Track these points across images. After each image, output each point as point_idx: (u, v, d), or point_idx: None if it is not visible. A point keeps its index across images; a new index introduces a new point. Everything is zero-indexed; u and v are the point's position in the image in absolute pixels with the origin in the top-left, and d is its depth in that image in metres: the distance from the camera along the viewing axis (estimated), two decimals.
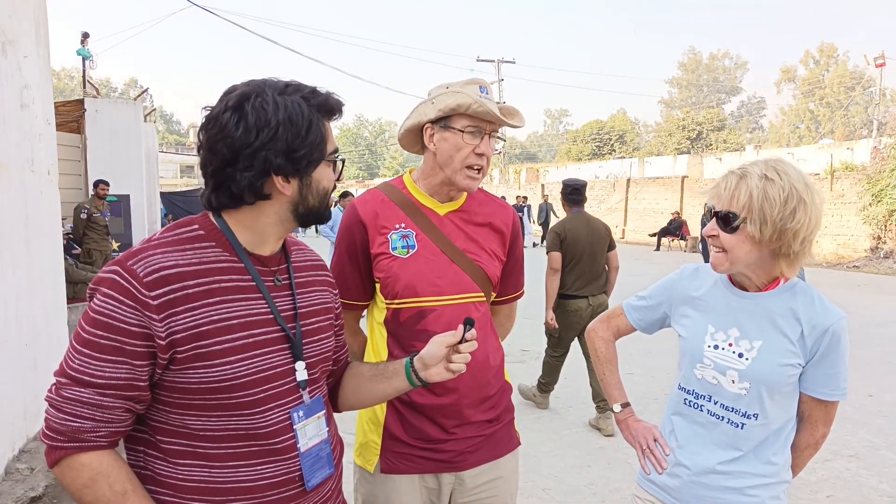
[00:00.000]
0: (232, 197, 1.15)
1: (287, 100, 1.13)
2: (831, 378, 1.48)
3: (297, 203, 1.19)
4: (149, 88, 46.12)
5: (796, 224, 1.39)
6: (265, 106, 1.11)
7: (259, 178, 1.13)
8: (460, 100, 1.61)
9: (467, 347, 1.30)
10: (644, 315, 1.77)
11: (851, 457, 4.18)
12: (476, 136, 1.65)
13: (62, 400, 1.05)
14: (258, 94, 1.13)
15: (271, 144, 1.11)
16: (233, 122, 1.11)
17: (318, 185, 1.19)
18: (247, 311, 1.15)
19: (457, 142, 1.64)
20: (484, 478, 1.73)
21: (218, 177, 1.15)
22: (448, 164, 1.66)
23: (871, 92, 44.72)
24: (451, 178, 1.67)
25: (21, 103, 3.69)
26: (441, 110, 1.63)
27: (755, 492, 1.52)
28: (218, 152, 1.13)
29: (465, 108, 1.61)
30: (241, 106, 1.12)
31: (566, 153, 51.95)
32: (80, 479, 1.06)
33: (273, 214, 1.19)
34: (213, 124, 1.13)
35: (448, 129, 1.64)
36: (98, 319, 1.06)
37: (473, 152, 1.65)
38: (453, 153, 1.65)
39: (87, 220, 9.28)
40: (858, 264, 16.29)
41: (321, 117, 1.17)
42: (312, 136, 1.14)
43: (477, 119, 1.64)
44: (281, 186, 1.15)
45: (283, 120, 1.11)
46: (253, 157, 1.11)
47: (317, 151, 1.16)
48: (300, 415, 1.21)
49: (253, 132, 1.10)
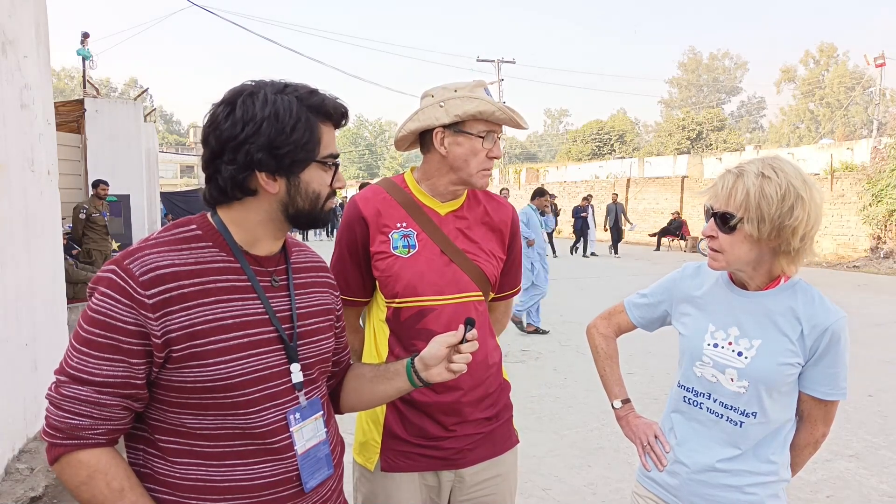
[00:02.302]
0: (220, 190, 1.16)
1: (279, 97, 1.13)
2: (831, 377, 1.48)
3: (286, 203, 1.18)
4: (149, 88, 46.18)
5: (794, 221, 1.38)
6: (255, 101, 1.12)
7: (241, 172, 1.13)
8: (481, 107, 1.61)
9: (468, 348, 1.30)
10: (645, 313, 1.78)
11: (851, 457, 4.18)
12: (490, 141, 1.67)
13: (61, 398, 1.06)
14: (254, 90, 1.14)
15: (254, 139, 1.11)
16: (223, 115, 1.13)
17: (307, 188, 1.18)
18: (242, 311, 1.15)
19: (473, 146, 1.65)
20: (484, 475, 1.74)
21: (208, 169, 1.17)
22: (464, 167, 1.67)
23: (871, 92, 44.74)
24: (468, 179, 1.68)
25: (21, 103, 3.69)
26: (458, 115, 1.63)
27: (754, 490, 1.52)
28: (209, 144, 1.15)
29: (489, 115, 1.62)
30: (233, 101, 1.13)
31: (566, 153, 51.98)
32: (78, 477, 1.07)
33: (262, 212, 1.18)
34: (208, 118, 1.15)
35: (462, 133, 1.65)
36: (96, 318, 1.06)
37: (487, 156, 1.67)
38: (469, 157, 1.66)
39: (86, 220, 9.28)
40: (858, 264, 16.28)
41: (316, 119, 1.16)
42: (298, 134, 1.13)
43: (490, 123, 1.65)
44: (265, 183, 1.14)
45: (268, 115, 1.11)
46: (237, 151, 1.12)
47: (303, 151, 1.14)
48: (296, 417, 1.20)
49: (239, 125, 1.11)
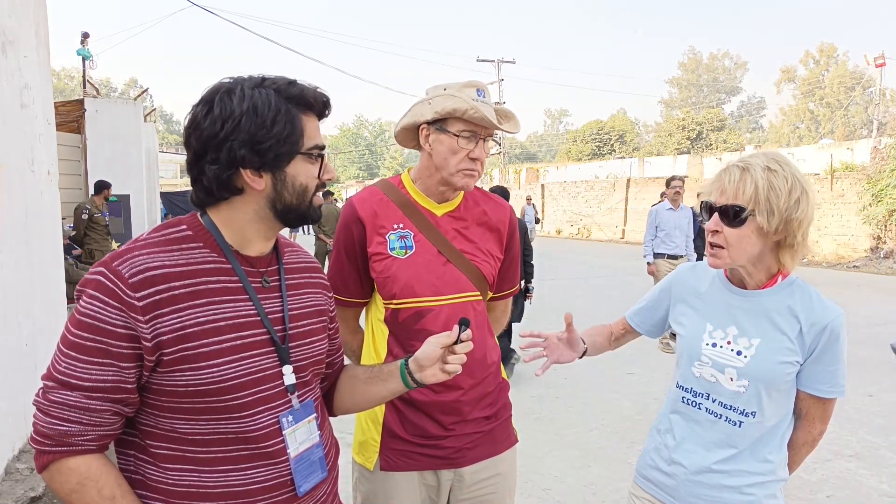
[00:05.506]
0: (206, 191, 1.13)
1: (257, 91, 1.10)
2: (829, 375, 1.48)
3: (274, 199, 1.15)
4: (149, 88, 46.12)
5: (800, 214, 1.41)
6: (232, 97, 1.09)
7: (225, 171, 1.10)
8: (456, 104, 1.61)
9: (463, 348, 1.29)
10: (646, 317, 1.78)
11: (851, 457, 4.18)
12: (471, 141, 1.65)
13: (49, 404, 1.03)
14: (230, 87, 1.11)
15: (235, 135, 1.08)
16: (202, 115, 1.10)
17: (294, 181, 1.15)
18: (234, 312, 1.12)
19: (452, 145, 1.65)
20: (483, 474, 1.74)
21: (192, 170, 1.14)
22: (444, 166, 1.67)
23: (871, 92, 44.72)
24: (448, 179, 1.68)
25: (21, 103, 3.69)
26: (438, 112, 1.63)
27: (751, 490, 1.52)
28: (190, 145, 1.12)
29: (462, 112, 1.61)
30: (211, 99, 1.11)
31: (566, 153, 51.94)
32: (68, 484, 1.04)
33: (250, 211, 1.16)
34: (188, 118, 1.13)
35: (443, 131, 1.65)
36: (84, 321, 1.03)
37: (468, 156, 1.65)
38: (448, 156, 1.65)
39: (88, 220, 9.28)
40: (858, 264, 16.28)
41: (297, 110, 1.13)
42: (279, 127, 1.10)
43: (472, 124, 1.64)
44: (251, 180, 1.12)
45: (246, 110, 1.08)
46: (219, 149, 1.09)
47: (286, 144, 1.11)
48: (289, 420, 1.18)
49: (218, 123, 1.08)
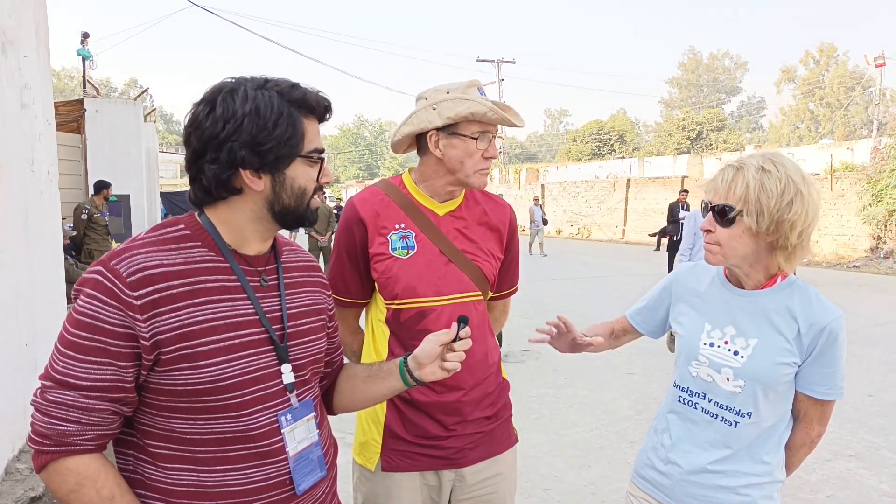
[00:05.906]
0: (205, 190, 1.14)
1: (260, 93, 1.11)
2: (828, 377, 1.47)
3: (272, 201, 1.15)
4: (149, 88, 46.02)
5: (793, 216, 1.39)
6: (235, 98, 1.09)
7: (225, 171, 1.10)
8: (472, 108, 1.61)
9: (461, 346, 1.29)
10: (646, 317, 1.78)
11: (851, 457, 4.18)
12: (485, 141, 1.66)
13: (47, 403, 1.03)
14: (234, 87, 1.11)
15: (236, 136, 1.08)
16: (203, 114, 1.10)
17: (292, 184, 1.15)
18: (232, 311, 1.12)
19: (467, 148, 1.65)
20: (484, 474, 1.74)
21: (192, 169, 1.14)
22: (460, 169, 1.67)
23: (871, 92, 44.71)
24: (465, 180, 1.68)
25: (21, 103, 3.69)
26: (450, 118, 1.62)
27: (747, 491, 1.52)
28: (190, 144, 1.13)
29: (480, 115, 1.62)
30: (213, 98, 1.11)
31: (566, 153, 51.93)
32: (66, 484, 1.04)
33: (248, 211, 1.16)
34: (189, 117, 1.13)
35: (457, 135, 1.64)
36: (81, 321, 1.03)
37: (482, 156, 1.66)
38: (464, 159, 1.65)
39: (87, 220, 9.28)
40: (858, 264, 16.27)
41: (298, 113, 1.13)
42: (281, 129, 1.10)
43: (484, 124, 1.65)
44: (250, 181, 1.12)
45: (249, 111, 1.08)
46: (219, 149, 1.09)
47: (287, 147, 1.12)
48: (288, 418, 1.18)
49: (220, 123, 1.09)
